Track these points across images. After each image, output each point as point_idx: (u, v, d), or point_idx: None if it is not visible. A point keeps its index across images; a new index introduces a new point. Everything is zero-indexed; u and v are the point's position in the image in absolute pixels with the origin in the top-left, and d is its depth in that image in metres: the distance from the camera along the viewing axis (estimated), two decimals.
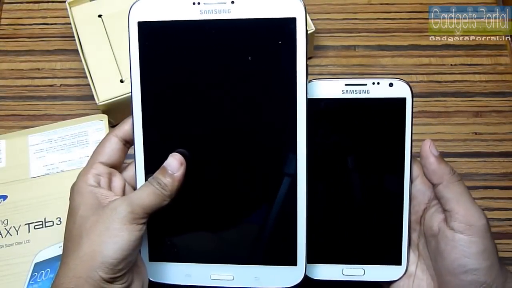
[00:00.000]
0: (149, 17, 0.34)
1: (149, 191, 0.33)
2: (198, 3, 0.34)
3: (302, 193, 0.34)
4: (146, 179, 0.35)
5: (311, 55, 0.59)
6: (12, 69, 0.59)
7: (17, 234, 0.46)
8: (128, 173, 0.37)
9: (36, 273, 0.44)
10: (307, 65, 0.33)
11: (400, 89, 0.37)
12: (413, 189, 0.37)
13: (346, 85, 0.36)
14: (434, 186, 0.36)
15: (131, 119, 0.35)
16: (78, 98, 0.58)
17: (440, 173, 0.35)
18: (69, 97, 0.58)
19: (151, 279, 0.36)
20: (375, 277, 0.38)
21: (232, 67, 0.34)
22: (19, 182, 0.49)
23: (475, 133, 0.55)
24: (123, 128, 0.36)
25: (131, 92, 0.35)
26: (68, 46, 0.60)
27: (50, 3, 0.63)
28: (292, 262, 0.35)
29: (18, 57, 0.60)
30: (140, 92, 0.35)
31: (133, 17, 0.34)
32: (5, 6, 0.63)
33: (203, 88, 0.35)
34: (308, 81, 0.34)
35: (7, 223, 0.47)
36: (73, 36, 0.55)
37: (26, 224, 0.47)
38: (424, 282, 0.37)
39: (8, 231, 0.47)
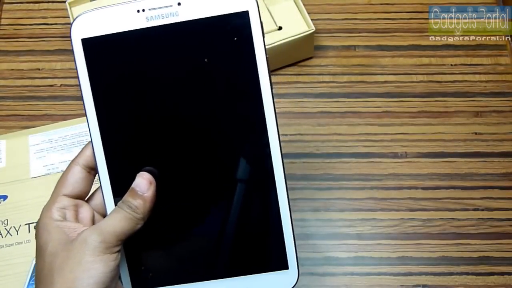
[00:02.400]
0: (93, 33, 0.31)
1: (120, 217, 0.31)
2: (143, 10, 0.31)
3: (283, 191, 0.33)
4: (116, 204, 0.33)
5: (311, 55, 0.59)
6: (12, 69, 0.59)
7: (17, 234, 0.46)
8: (96, 201, 0.34)
9: None
10: (267, 59, 0.32)
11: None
12: None
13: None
14: None
15: (91, 144, 0.33)
16: (78, 98, 0.57)
17: None
18: (69, 97, 0.58)
19: None
20: None
21: (189, 73, 0.32)
22: (19, 182, 0.49)
23: (475, 133, 0.55)
24: (84, 155, 0.33)
25: (86, 116, 0.32)
26: (68, 46, 0.60)
27: (50, 3, 0.63)
28: (283, 265, 0.33)
29: (18, 57, 0.60)
30: (95, 113, 0.32)
31: (76, 34, 0.32)
32: (5, 6, 0.63)
33: (162, 99, 0.32)
34: (270, 76, 0.32)
35: (7, 223, 0.47)
36: None
37: (26, 224, 0.47)
38: None
39: (8, 231, 0.47)
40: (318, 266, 0.50)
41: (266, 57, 0.32)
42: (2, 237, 0.46)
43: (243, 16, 0.31)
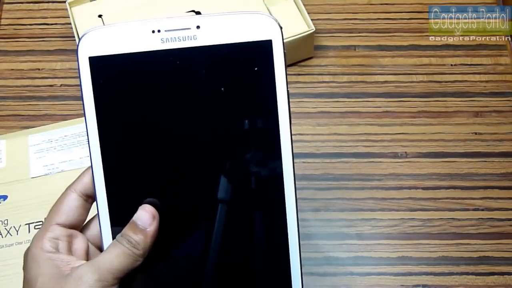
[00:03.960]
0: (102, 51, 0.29)
1: (118, 252, 0.28)
2: (158, 31, 0.29)
3: (294, 230, 0.31)
4: (113, 237, 0.30)
5: (311, 55, 0.59)
6: (12, 69, 0.59)
7: (17, 234, 0.46)
8: (91, 232, 0.31)
9: None
10: (288, 92, 0.29)
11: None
12: None
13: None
14: None
15: (90, 170, 0.30)
16: (78, 98, 0.57)
17: None
18: (69, 97, 0.58)
19: None
20: None
21: (203, 102, 0.30)
22: (19, 182, 0.49)
23: (475, 133, 0.55)
24: (82, 181, 0.31)
25: (88, 139, 0.30)
26: (68, 46, 0.60)
27: (50, 3, 0.63)
28: None
29: (18, 57, 0.60)
30: (98, 137, 0.30)
31: (83, 51, 0.29)
32: (5, 6, 0.63)
33: (171, 128, 0.30)
34: (290, 111, 0.30)
35: (7, 223, 0.47)
36: (73, 36, 0.56)
37: (26, 224, 0.47)
38: None
39: (8, 231, 0.47)
40: (318, 266, 0.50)
41: (287, 90, 0.29)
42: (2, 237, 0.46)
43: (266, 46, 0.29)
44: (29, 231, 0.46)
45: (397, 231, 0.51)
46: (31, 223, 0.47)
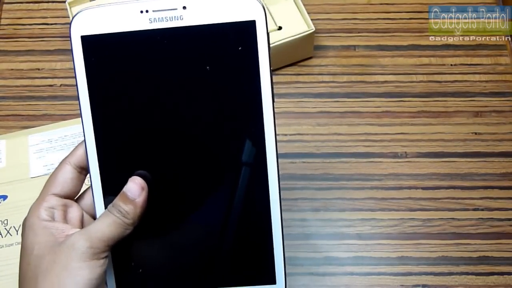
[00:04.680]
0: (94, 30, 0.31)
1: (109, 221, 0.30)
2: (147, 11, 0.30)
3: (276, 206, 0.32)
4: (105, 207, 0.32)
5: (311, 55, 0.59)
6: (12, 69, 0.59)
7: (17, 234, 0.46)
8: (86, 201, 0.33)
9: None
10: (271, 71, 0.31)
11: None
12: None
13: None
14: None
15: (84, 143, 0.32)
16: None
17: None
18: (69, 97, 0.58)
19: None
20: None
21: (189, 79, 0.31)
22: (19, 182, 0.49)
23: (475, 133, 0.55)
24: (76, 154, 0.32)
25: (81, 114, 0.32)
26: (68, 46, 0.60)
27: (50, 3, 0.63)
28: (271, 280, 0.32)
29: (18, 57, 0.60)
30: (90, 112, 0.31)
31: (75, 30, 0.31)
32: (5, 6, 0.63)
33: (159, 103, 0.32)
34: (273, 91, 0.31)
35: (7, 223, 0.47)
36: None
37: None
38: None
39: (8, 231, 0.47)
40: (318, 266, 0.50)
41: (270, 69, 0.31)
42: (2, 237, 0.46)
43: (250, 26, 0.30)
44: None
45: (397, 231, 0.51)
46: None
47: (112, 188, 0.32)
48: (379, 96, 0.57)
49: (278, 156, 0.31)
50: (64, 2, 0.57)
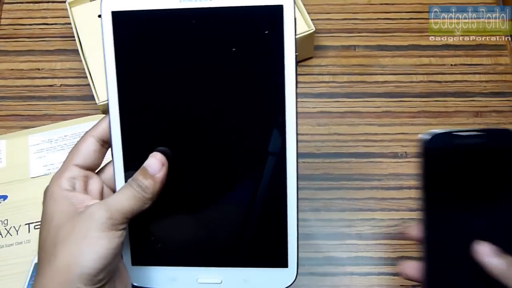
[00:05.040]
0: (124, 7, 0.31)
1: (128, 195, 0.31)
2: None
3: (293, 191, 0.33)
4: (126, 181, 0.33)
5: (311, 55, 0.59)
6: (12, 69, 0.59)
7: (17, 234, 0.46)
8: (106, 175, 0.34)
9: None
10: (296, 56, 0.31)
11: None
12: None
13: None
14: None
15: (108, 117, 0.33)
16: (78, 98, 0.58)
17: None
18: (69, 97, 0.58)
19: (134, 283, 0.34)
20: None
21: (215, 59, 0.32)
22: (19, 182, 0.49)
23: None
24: (100, 127, 0.33)
25: (107, 89, 0.32)
26: (68, 46, 0.60)
27: (50, 3, 0.63)
28: (283, 263, 0.33)
29: (18, 57, 0.60)
30: (116, 88, 0.32)
31: (106, 6, 0.32)
32: (5, 6, 0.63)
33: (184, 82, 0.32)
34: (297, 74, 0.32)
35: (7, 223, 0.47)
36: (73, 36, 0.55)
37: (26, 224, 0.47)
38: None
39: (8, 231, 0.47)
40: (318, 266, 0.50)
41: (296, 54, 0.31)
42: (2, 237, 0.46)
43: (278, 10, 0.31)
44: (29, 231, 0.46)
45: (397, 231, 0.51)
46: (31, 223, 0.47)
47: (133, 163, 0.32)
48: (379, 96, 0.57)
49: (298, 140, 0.32)
50: (64, 2, 0.57)
